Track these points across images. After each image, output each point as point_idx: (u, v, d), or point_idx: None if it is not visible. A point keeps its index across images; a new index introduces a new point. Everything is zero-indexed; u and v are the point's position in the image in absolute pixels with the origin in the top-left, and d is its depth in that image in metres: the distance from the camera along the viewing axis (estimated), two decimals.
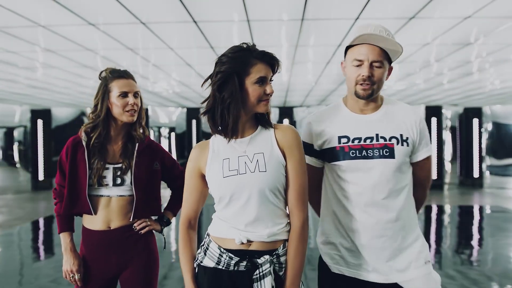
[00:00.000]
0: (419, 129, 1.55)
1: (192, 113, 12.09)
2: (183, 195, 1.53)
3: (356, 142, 1.52)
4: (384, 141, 1.51)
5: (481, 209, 8.43)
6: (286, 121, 11.97)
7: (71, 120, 11.68)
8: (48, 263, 4.73)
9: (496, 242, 5.61)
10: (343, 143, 1.53)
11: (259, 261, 1.36)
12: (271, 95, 1.43)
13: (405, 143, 1.52)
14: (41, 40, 4.43)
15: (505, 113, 11.52)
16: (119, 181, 1.77)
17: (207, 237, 1.47)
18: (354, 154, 1.51)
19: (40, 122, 11.11)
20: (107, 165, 1.77)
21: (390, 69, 1.57)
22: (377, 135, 1.52)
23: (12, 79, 6.80)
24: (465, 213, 8.04)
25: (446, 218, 7.58)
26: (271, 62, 1.44)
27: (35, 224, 6.91)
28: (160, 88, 8.13)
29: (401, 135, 1.52)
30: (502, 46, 4.82)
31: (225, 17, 3.77)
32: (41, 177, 11.15)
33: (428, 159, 1.59)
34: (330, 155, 1.56)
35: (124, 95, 1.77)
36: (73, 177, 1.75)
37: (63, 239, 1.79)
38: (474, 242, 5.74)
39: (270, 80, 1.45)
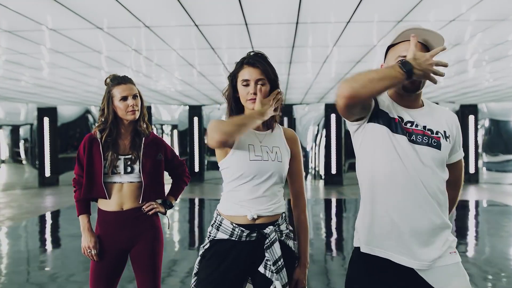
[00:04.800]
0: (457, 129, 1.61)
1: (194, 110, 12.16)
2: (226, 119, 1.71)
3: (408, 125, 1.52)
4: (431, 133, 1.52)
5: (476, 203, 8.67)
6: (285, 119, 11.80)
7: (76, 118, 11.88)
8: (54, 253, 5.01)
9: (484, 231, 5.88)
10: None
11: (266, 231, 1.62)
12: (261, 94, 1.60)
13: (448, 139, 1.55)
14: (50, 42, 4.67)
15: (501, 110, 11.65)
16: (129, 169, 2.06)
17: (218, 216, 1.68)
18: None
19: (46, 120, 11.39)
20: (119, 157, 2.06)
21: None
22: (424, 127, 1.52)
23: (21, 78, 7.01)
24: (460, 207, 8.30)
25: None
26: (253, 63, 1.62)
27: (42, 218, 7.21)
28: (162, 86, 8.36)
29: (445, 132, 1.55)
30: (491, 46, 5.05)
31: (225, 21, 4.01)
32: (47, 173, 11.45)
33: None
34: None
35: (124, 98, 2.05)
36: (90, 167, 2.04)
37: (82, 220, 2.07)
38: (465, 231, 5.99)
39: (259, 81, 1.61)
